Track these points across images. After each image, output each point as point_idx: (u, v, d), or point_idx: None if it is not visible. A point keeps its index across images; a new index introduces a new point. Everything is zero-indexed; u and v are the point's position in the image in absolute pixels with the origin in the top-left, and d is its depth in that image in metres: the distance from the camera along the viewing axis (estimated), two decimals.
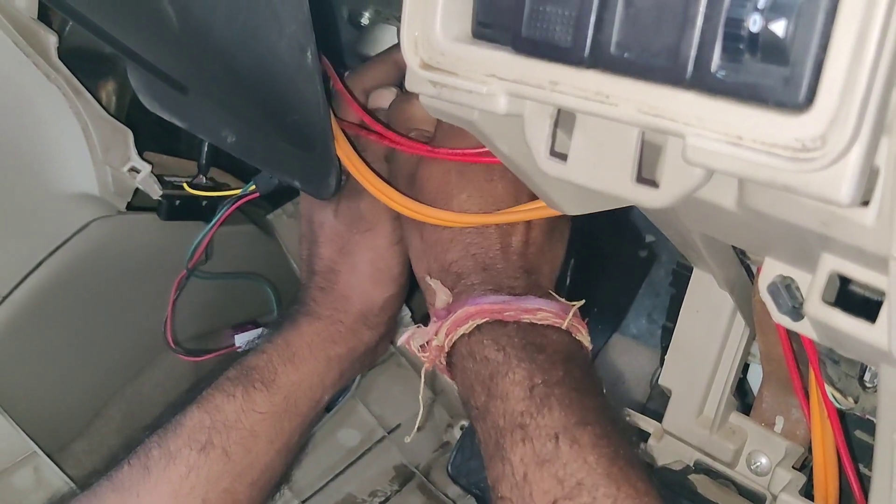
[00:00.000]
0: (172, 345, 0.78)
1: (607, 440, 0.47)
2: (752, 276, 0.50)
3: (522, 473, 0.47)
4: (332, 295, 0.67)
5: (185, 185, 0.76)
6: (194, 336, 0.91)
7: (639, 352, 0.96)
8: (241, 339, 0.80)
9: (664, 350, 0.88)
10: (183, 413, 0.62)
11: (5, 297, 0.76)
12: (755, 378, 0.60)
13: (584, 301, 0.55)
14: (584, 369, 0.52)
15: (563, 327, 0.53)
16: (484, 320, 0.53)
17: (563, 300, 0.55)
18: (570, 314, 0.54)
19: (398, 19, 0.72)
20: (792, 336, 0.49)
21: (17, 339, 0.78)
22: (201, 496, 0.59)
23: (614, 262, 0.95)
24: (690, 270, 0.83)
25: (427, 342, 0.56)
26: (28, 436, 0.77)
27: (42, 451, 0.78)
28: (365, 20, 0.75)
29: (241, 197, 0.72)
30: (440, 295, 0.56)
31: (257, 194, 0.70)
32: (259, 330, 0.81)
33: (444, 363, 0.56)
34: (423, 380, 0.58)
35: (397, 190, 0.58)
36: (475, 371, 0.52)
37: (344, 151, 0.57)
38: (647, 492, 0.45)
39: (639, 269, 0.96)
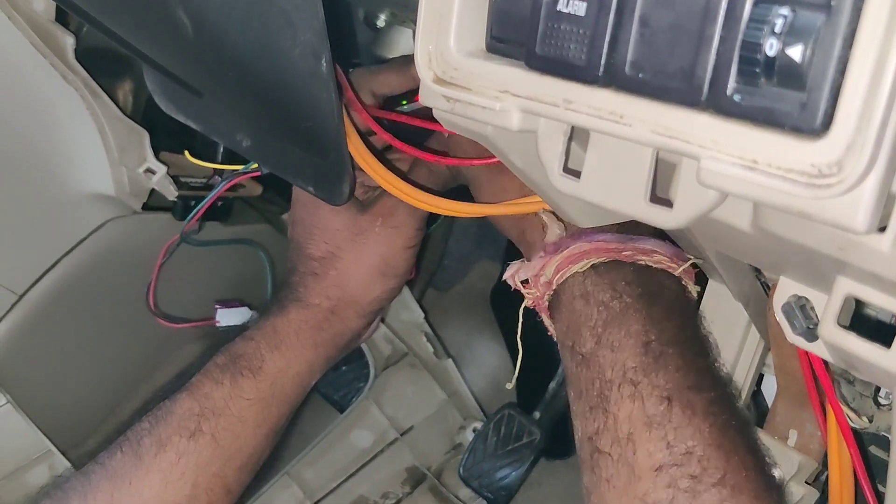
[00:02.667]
0: (153, 307, 0.78)
1: (720, 407, 0.45)
2: (766, 290, 0.50)
3: (627, 431, 0.45)
4: (325, 282, 0.67)
5: (187, 154, 0.76)
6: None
7: None
8: (222, 315, 0.80)
9: None
10: (172, 400, 0.63)
11: (22, 296, 0.77)
12: (769, 389, 0.60)
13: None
14: (695, 325, 0.51)
15: (677, 273, 0.51)
16: (600, 259, 0.50)
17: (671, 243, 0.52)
18: (688, 262, 0.51)
19: (414, 22, 0.72)
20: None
21: (34, 338, 0.78)
22: (191, 481, 0.60)
23: None
24: (705, 276, 0.82)
25: (533, 277, 0.53)
26: (44, 434, 0.78)
27: (57, 448, 0.78)
28: (381, 22, 0.74)
29: (242, 172, 0.72)
30: (552, 228, 0.53)
31: (259, 173, 0.71)
32: (242, 308, 0.81)
33: (547, 303, 0.53)
34: (520, 322, 0.55)
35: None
36: (586, 314, 0.50)
37: (355, 146, 0.57)
38: (757, 466, 0.44)
39: None
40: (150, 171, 0.75)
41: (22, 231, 0.76)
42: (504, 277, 0.56)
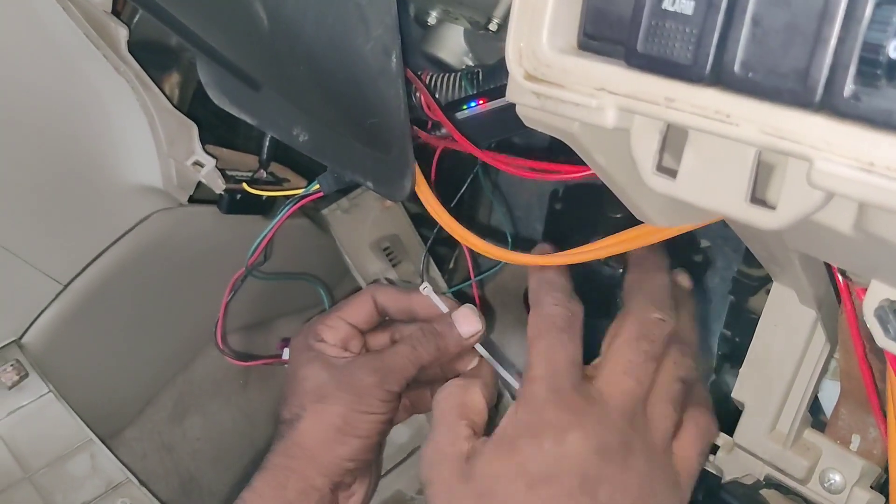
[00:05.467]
0: (221, 346, 0.78)
1: None
2: (836, 294, 0.49)
3: None
4: (287, 441, 0.67)
5: (245, 186, 0.77)
6: (242, 328, 0.92)
7: None
8: (288, 354, 0.81)
9: (720, 358, 0.88)
10: None
11: (67, 285, 0.77)
12: (825, 394, 0.60)
13: None
14: None
15: None
16: None
17: None
18: None
19: (466, 19, 0.72)
20: (874, 355, 0.49)
21: (77, 327, 0.79)
22: None
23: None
24: (751, 279, 0.82)
25: None
26: (85, 423, 0.78)
27: (98, 438, 0.79)
28: (432, 19, 0.74)
29: (304, 196, 0.71)
30: None
31: (321, 194, 0.70)
32: None
33: None
34: None
35: None
36: None
37: (424, 194, 0.58)
38: None
39: (693, 274, 0.95)
40: (198, 163, 0.75)
41: (69, 221, 0.76)
42: None
